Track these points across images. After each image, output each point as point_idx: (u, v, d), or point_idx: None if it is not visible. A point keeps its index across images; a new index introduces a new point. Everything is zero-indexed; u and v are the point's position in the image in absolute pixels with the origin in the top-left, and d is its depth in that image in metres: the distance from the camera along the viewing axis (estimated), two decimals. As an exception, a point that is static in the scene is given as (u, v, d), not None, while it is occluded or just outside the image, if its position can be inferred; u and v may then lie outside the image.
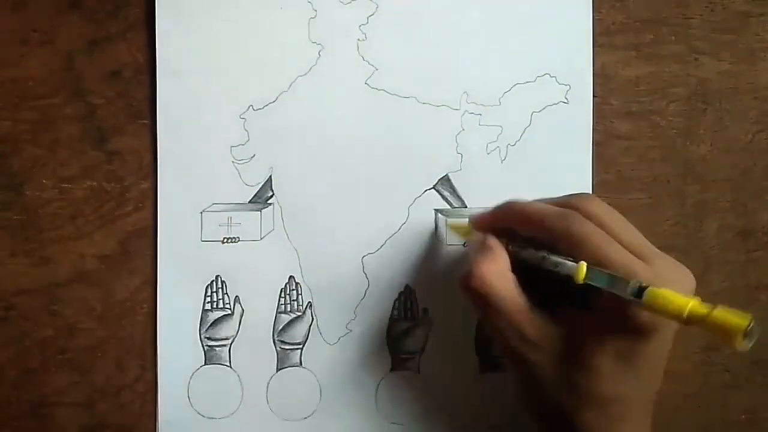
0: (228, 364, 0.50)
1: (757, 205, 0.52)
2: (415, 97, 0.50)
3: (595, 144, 0.50)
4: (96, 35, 0.49)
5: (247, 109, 0.49)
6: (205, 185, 0.49)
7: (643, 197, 0.51)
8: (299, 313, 0.50)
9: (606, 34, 0.51)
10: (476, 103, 0.50)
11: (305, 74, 0.49)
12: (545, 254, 0.41)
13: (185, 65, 0.49)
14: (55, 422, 0.49)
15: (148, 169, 0.49)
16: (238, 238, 0.49)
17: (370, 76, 0.50)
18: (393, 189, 0.50)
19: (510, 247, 0.43)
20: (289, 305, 0.50)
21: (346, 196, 0.50)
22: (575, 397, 0.40)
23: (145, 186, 0.49)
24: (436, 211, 0.50)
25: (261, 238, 0.50)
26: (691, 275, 0.40)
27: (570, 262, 0.39)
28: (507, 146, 0.50)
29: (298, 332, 0.50)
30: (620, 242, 0.39)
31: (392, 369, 0.50)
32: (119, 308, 0.49)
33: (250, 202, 0.50)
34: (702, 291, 0.50)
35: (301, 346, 0.50)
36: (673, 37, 0.51)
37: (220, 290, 0.50)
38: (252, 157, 0.49)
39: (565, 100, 0.50)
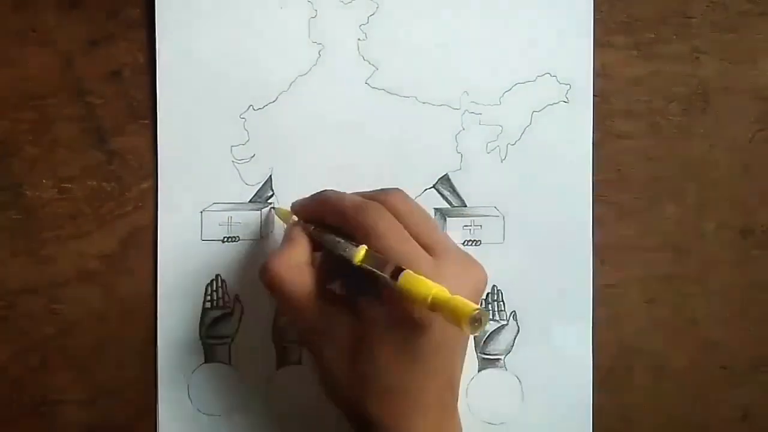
0: (228, 363, 0.50)
1: (756, 204, 0.52)
2: (416, 97, 0.50)
3: (596, 143, 0.50)
4: (96, 35, 0.49)
5: (248, 109, 0.49)
6: (205, 185, 0.49)
7: (643, 196, 0.51)
8: (299, 312, 0.50)
9: (606, 33, 0.50)
10: (476, 103, 0.50)
11: (305, 74, 0.49)
12: (337, 239, 0.42)
13: (185, 65, 0.49)
14: (55, 421, 0.49)
15: (148, 168, 0.49)
16: (238, 237, 0.49)
17: (371, 76, 0.50)
18: (393, 188, 0.50)
19: (312, 231, 0.44)
20: (289, 304, 0.50)
21: (346, 196, 0.50)
22: (362, 388, 0.41)
23: (145, 186, 0.49)
24: (436, 210, 0.50)
25: (261, 238, 0.50)
26: (483, 274, 0.43)
27: (355, 247, 0.41)
28: (507, 145, 0.50)
29: (298, 331, 0.50)
30: (414, 235, 0.41)
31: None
32: (119, 307, 0.49)
33: (250, 201, 0.50)
34: (702, 290, 0.51)
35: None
36: (673, 37, 0.51)
37: (220, 289, 0.50)
38: (252, 156, 0.49)
39: (566, 100, 0.50)
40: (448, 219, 0.50)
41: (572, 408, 0.50)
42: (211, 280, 0.50)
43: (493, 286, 0.50)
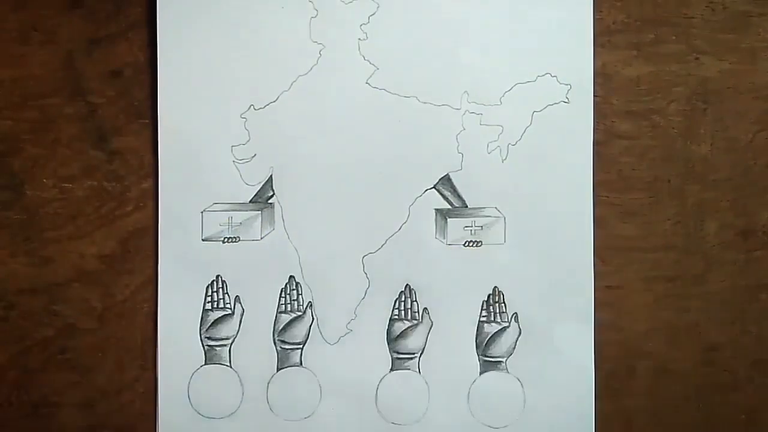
0: (228, 364, 0.50)
1: (757, 204, 0.52)
2: (416, 97, 0.50)
3: (596, 143, 0.50)
4: (97, 35, 0.49)
5: (248, 109, 0.49)
6: (205, 185, 0.49)
7: (643, 197, 0.51)
8: (299, 313, 0.50)
9: (607, 34, 0.51)
10: (477, 103, 0.50)
11: (306, 74, 0.50)
12: None
13: (186, 65, 0.49)
14: (55, 422, 0.49)
15: (149, 168, 0.49)
16: (238, 237, 0.49)
17: (371, 76, 0.50)
18: (393, 188, 0.50)
19: None
20: (289, 305, 0.50)
21: (347, 196, 0.50)
22: None
23: (146, 186, 0.49)
24: (437, 210, 0.50)
25: (261, 238, 0.50)
26: None
27: None
28: (508, 146, 0.50)
29: (298, 332, 0.50)
30: None
31: (392, 369, 0.50)
32: (120, 308, 0.49)
33: (250, 201, 0.50)
34: (703, 291, 0.51)
35: (301, 346, 0.50)
36: (673, 37, 0.51)
37: (220, 290, 0.50)
38: (253, 156, 0.50)
39: (566, 100, 0.50)
40: (448, 220, 0.50)
41: (574, 410, 0.50)
42: (212, 281, 0.50)
43: (495, 287, 0.50)
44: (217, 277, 0.50)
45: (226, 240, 0.49)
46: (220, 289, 0.50)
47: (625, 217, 0.51)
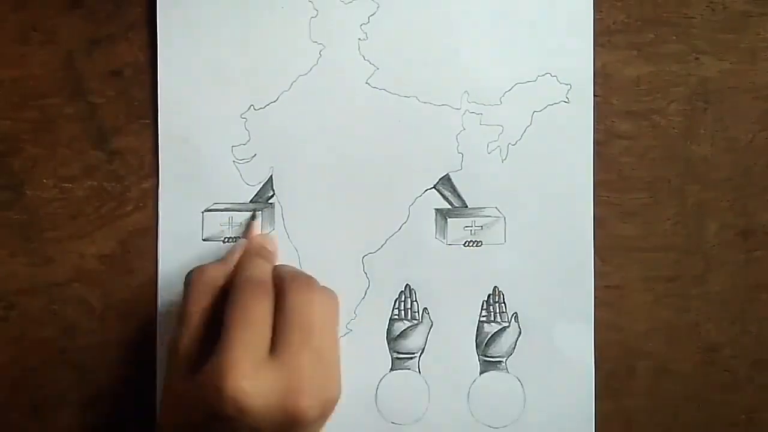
0: (228, 364, 0.50)
1: (757, 204, 0.52)
2: (416, 97, 0.50)
3: (596, 143, 0.50)
4: (97, 34, 0.49)
5: (248, 109, 0.49)
6: (206, 185, 0.49)
7: (643, 197, 0.51)
8: (300, 313, 0.50)
9: (607, 34, 0.51)
10: (477, 103, 0.50)
11: (306, 74, 0.50)
12: None
13: (186, 65, 0.49)
14: (55, 422, 0.49)
15: (149, 168, 0.49)
16: (239, 237, 0.49)
17: (371, 76, 0.50)
18: (393, 188, 0.50)
19: None
20: (289, 305, 0.50)
21: (347, 196, 0.50)
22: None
23: (146, 186, 0.49)
24: (437, 210, 0.50)
25: (261, 238, 0.50)
26: (337, 395, 0.42)
27: None
28: (508, 146, 0.50)
29: (298, 332, 0.50)
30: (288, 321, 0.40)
31: (392, 369, 0.50)
32: (120, 308, 0.49)
33: (251, 201, 0.50)
34: (703, 291, 0.51)
35: (301, 346, 0.50)
36: (674, 37, 0.51)
37: (220, 290, 0.50)
38: (253, 156, 0.50)
39: (566, 100, 0.50)
40: (448, 220, 0.50)
41: (574, 410, 0.50)
42: (212, 281, 0.50)
43: (495, 287, 0.50)
44: (218, 277, 0.50)
45: (226, 240, 0.49)
46: (221, 289, 0.50)
47: (625, 217, 0.51)
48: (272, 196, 0.50)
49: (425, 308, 0.50)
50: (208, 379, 0.37)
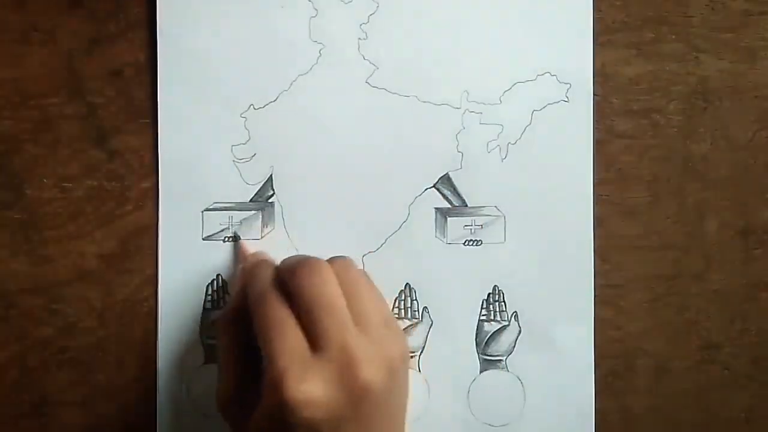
0: (229, 363, 0.50)
1: (757, 203, 0.52)
2: (416, 96, 0.50)
3: (596, 142, 0.50)
4: (97, 34, 0.49)
5: (248, 108, 0.49)
6: (205, 184, 0.49)
7: (643, 196, 0.51)
8: (300, 312, 0.50)
9: (606, 33, 0.51)
10: (477, 102, 0.50)
11: (306, 73, 0.50)
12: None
13: (186, 64, 0.49)
14: (55, 421, 0.49)
15: (149, 168, 0.49)
16: (239, 237, 0.49)
17: (371, 75, 0.50)
18: (393, 188, 0.50)
19: None
20: (289, 304, 0.50)
21: (347, 195, 0.50)
22: None
23: (146, 185, 0.49)
24: (437, 209, 0.50)
25: (261, 237, 0.50)
26: (398, 352, 0.42)
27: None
28: (507, 145, 0.50)
29: (298, 331, 0.50)
30: (350, 306, 0.41)
31: (393, 368, 0.50)
32: (120, 307, 0.49)
33: (251, 201, 0.50)
34: (703, 290, 0.51)
35: (301, 345, 0.50)
36: (673, 36, 0.51)
37: (221, 289, 0.50)
38: (253, 156, 0.50)
39: (566, 99, 0.50)
40: (448, 219, 0.50)
41: (574, 409, 0.50)
42: (212, 280, 0.50)
43: (495, 286, 0.50)
44: (218, 276, 0.50)
45: (226, 239, 0.49)
46: (221, 289, 0.50)
47: (625, 216, 0.51)
48: (272, 196, 0.50)
49: (425, 307, 0.50)
50: (268, 402, 0.38)
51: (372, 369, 0.39)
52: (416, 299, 0.50)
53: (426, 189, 0.50)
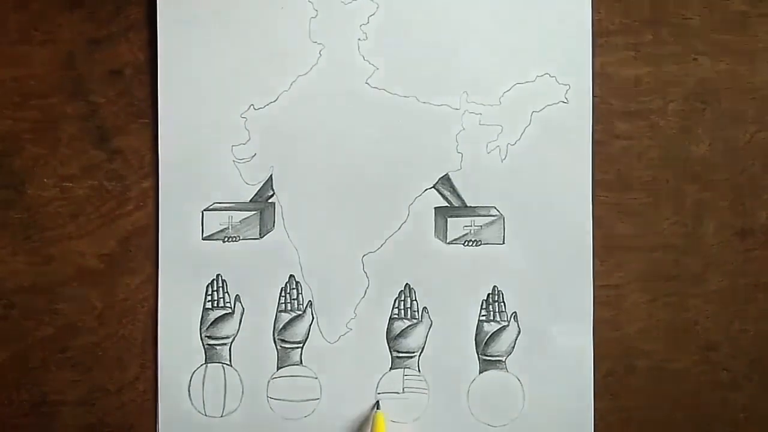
0: (228, 363, 0.50)
1: (755, 204, 0.52)
2: (416, 97, 0.50)
3: (595, 143, 0.51)
4: (97, 34, 0.49)
5: (248, 109, 0.49)
6: (206, 184, 0.49)
7: (642, 196, 0.51)
8: (299, 312, 0.50)
9: (605, 35, 0.51)
10: (476, 103, 0.50)
11: (306, 74, 0.50)
12: None
13: (186, 64, 0.49)
14: (55, 421, 0.49)
15: (149, 168, 0.49)
16: (238, 237, 0.49)
17: (371, 76, 0.50)
18: (393, 188, 0.50)
19: None
20: (289, 304, 0.50)
21: (347, 195, 0.50)
22: None
23: (146, 185, 0.49)
24: (437, 210, 0.50)
25: (261, 237, 0.50)
26: None
27: None
28: (507, 145, 0.50)
29: (298, 331, 0.50)
30: None
31: (392, 368, 0.50)
32: (120, 307, 0.50)
33: (250, 201, 0.50)
34: (701, 290, 0.51)
35: (301, 345, 0.50)
36: (672, 38, 0.51)
37: (220, 289, 0.50)
38: (253, 156, 0.50)
39: (565, 100, 0.50)
40: (448, 219, 0.50)
41: (573, 408, 0.50)
42: (212, 280, 0.50)
43: (494, 287, 0.50)
44: (218, 276, 0.50)
45: (226, 239, 0.50)
46: (221, 288, 0.50)
47: (624, 217, 0.51)
48: (272, 196, 0.50)
49: (425, 307, 0.50)
50: None
51: None
52: (416, 299, 0.50)
53: (426, 189, 0.50)
